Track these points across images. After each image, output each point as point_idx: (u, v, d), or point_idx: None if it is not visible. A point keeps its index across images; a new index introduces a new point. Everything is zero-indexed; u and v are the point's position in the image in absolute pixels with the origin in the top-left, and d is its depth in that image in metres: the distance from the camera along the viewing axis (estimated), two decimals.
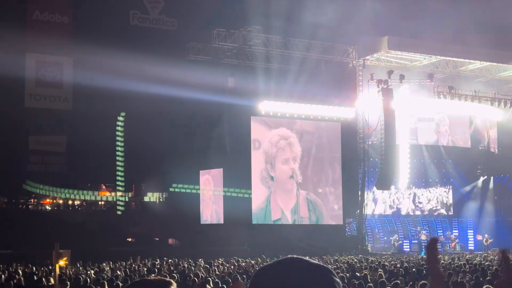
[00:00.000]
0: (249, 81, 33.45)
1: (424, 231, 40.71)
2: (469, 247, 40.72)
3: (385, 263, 21.14)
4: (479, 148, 43.21)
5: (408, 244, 39.35)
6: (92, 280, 15.21)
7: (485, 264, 19.93)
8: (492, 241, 38.79)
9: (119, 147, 36.10)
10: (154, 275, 16.45)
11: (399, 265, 20.39)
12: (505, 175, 43.53)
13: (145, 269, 19.11)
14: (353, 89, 36.75)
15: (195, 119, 34.22)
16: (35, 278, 15.96)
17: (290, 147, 35.44)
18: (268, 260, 20.82)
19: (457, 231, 42.14)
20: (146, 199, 38.37)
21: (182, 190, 36.00)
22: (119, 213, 35.92)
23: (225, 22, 34.32)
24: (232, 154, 33.80)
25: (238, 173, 33.78)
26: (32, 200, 37.51)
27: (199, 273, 16.94)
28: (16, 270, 19.07)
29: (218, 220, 34.85)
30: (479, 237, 40.53)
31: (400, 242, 39.08)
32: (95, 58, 31.25)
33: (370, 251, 35.93)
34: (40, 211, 36.76)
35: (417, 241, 39.22)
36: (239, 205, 33.27)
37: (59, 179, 35.37)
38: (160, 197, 38.21)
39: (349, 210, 36.63)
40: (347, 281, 14.17)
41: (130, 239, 35.25)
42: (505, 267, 2.85)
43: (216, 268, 19.11)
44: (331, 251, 31.06)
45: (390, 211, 42.22)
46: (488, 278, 14.45)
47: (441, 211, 43.03)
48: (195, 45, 34.60)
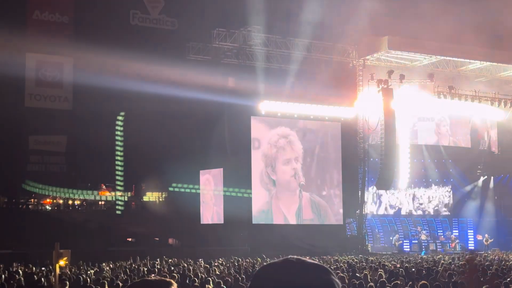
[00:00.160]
0: (249, 81, 33.43)
1: (424, 231, 40.72)
2: (469, 247, 40.75)
3: (385, 263, 21.13)
4: (479, 148, 43.19)
5: (408, 244, 39.34)
6: (92, 280, 15.22)
7: (486, 264, 19.92)
8: (492, 241, 38.81)
9: (118, 146, 36.09)
10: (154, 275, 16.47)
11: (399, 265, 20.39)
12: (505, 175, 43.53)
13: (145, 269, 19.10)
14: (353, 89, 36.74)
15: (195, 119, 34.20)
16: (35, 278, 15.95)
17: (291, 145, 35.00)
18: (268, 260, 20.81)
19: (457, 231, 42.16)
20: (146, 198, 38.35)
21: (181, 190, 36.00)
22: (118, 212, 35.92)
23: (225, 22, 34.32)
24: (232, 154, 33.79)
25: (238, 173, 33.77)
26: (32, 200, 37.48)
27: (199, 273, 16.95)
28: (16, 270, 19.06)
29: (218, 220, 34.81)
30: (479, 237, 40.53)
31: (400, 242, 39.08)
32: (95, 58, 31.24)
33: (370, 251, 35.92)
34: (40, 211, 36.74)
35: (417, 241, 39.23)
36: (239, 205, 33.24)
37: (59, 179, 35.35)
38: (160, 196, 38.20)
39: (349, 210, 36.62)
40: (347, 281, 14.16)
41: (130, 239, 35.24)
42: (470, 269, 2.92)
43: (216, 268, 19.11)
44: (331, 251, 31.08)
45: (391, 211, 42.22)
46: (488, 278, 14.46)
47: (441, 211, 43.04)
48: (195, 45, 34.60)
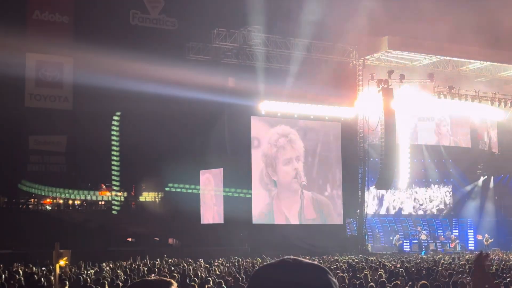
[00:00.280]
0: (249, 81, 33.42)
1: (424, 231, 40.72)
2: (470, 247, 40.74)
3: (385, 263, 21.12)
4: (479, 148, 43.19)
5: (408, 244, 39.34)
6: (92, 280, 15.21)
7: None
8: (492, 241, 38.80)
9: (114, 146, 36.06)
10: (154, 275, 16.46)
11: (399, 265, 20.38)
12: (505, 175, 43.53)
13: (145, 269, 19.10)
14: (353, 89, 36.72)
15: (195, 119, 34.18)
16: (36, 278, 15.94)
17: (291, 144, 34.73)
18: (268, 260, 20.81)
19: (457, 231, 42.15)
20: (142, 198, 38.34)
21: (178, 190, 35.93)
22: (114, 212, 35.85)
23: (225, 22, 34.30)
24: (232, 154, 33.77)
25: (238, 173, 33.75)
26: (32, 200, 37.47)
27: (199, 273, 16.94)
28: (16, 270, 19.05)
29: (218, 220, 34.77)
30: (479, 237, 40.52)
31: (400, 242, 39.07)
32: (95, 58, 31.21)
33: (370, 251, 35.91)
34: (40, 211, 36.74)
35: (417, 241, 39.22)
36: (239, 205, 33.22)
37: (59, 179, 35.34)
38: (156, 196, 38.18)
39: (350, 210, 36.61)
40: (347, 281, 14.16)
41: (130, 239, 35.23)
42: (477, 268, 2.94)
43: (216, 268, 19.11)
44: (331, 251, 31.07)
45: (393, 211, 42.20)
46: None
47: (441, 211, 43.02)
48: (195, 45, 34.59)
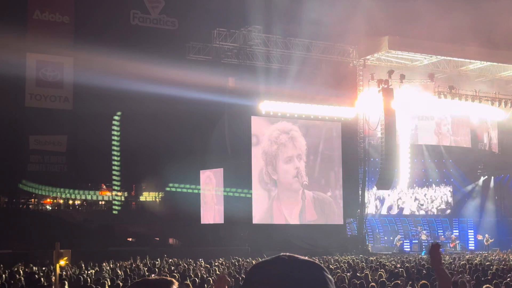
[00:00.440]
0: (249, 81, 33.42)
1: (424, 231, 40.69)
2: (470, 247, 40.72)
3: (385, 263, 21.12)
4: (479, 148, 43.17)
5: (409, 244, 39.33)
6: (92, 280, 15.21)
7: (486, 264, 19.91)
8: (492, 241, 38.80)
9: (115, 146, 36.07)
10: (154, 275, 16.46)
11: (399, 265, 20.37)
12: (505, 175, 43.54)
13: (145, 268, 19.10)
14: (353, 89, 36.72)
15: (195, 119, 34.18)
16: (36, 277, 15.95)
17: (293, 141, 34.22)
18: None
19: (457, 231, 42.14)
20: (142, 198, 38.34)
21: (178, 190, 35.92)
22: (115, 212, 35.87)
23: (226, 21, 34.31)
24: (232, 154, 33.75)
25: (238, 173, 33.72)
26: (33, 200, 37.48)
27: (199, 273, 16.94)
28: (17, 270, 19.06)
29: (218, 220, 34.73)
30: (479, 237, 40.51)
31: (401, 242, 39.06)
32: (95, 57, 31.23)
33: (370, 251, 35.90)
34: (40, 211, 36.76)
35: (417, 241, 39.19)
36: (239, 204, 33.21)
37: (60, 178, 35.34)
38: (156, 196, 38.16)
39: (350, 210, 36.59)
40: (347, 281, 14.16)
41: (130, 239, 35.23)
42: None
43: (217, 268, 19.10)
44: (331, 251, 31.07)
45: (395, 211, 42.17)
46: (488, 277, 14.46)
47: (442, 211, 43.00)
48: (195, 44, 34.58)
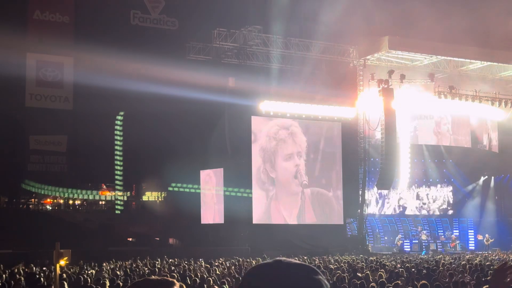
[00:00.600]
0: (249, 81, 33.41)
1: (424, 231, 40.68)
2: (470, 247, 40.72)
3: (385, 263, 21.12)
4: (479, 148, 43.16)
5: (409, 244, 39.32)
6: (92, 279, 15.22)
7: (486, 264, 19.91)
8: (493, 241, 38.79)
9: (117, 146, 36.10)
10: (154, 275, 16.45)
11: (399, 265, 20.37)
12: (506, 175, 43.53)
13: (145, 268, 19.10)
14: (353, 89, 36.72)
15: (195, 119, 34.18)
16: (36, 277, 15.94)
17: (293, 137, 33.81)
18: (268, 260, 20.80)
19: (457, 231, 42.12)
20: (144, 198, 38.35)
21: (181, 190, 35.96)
22: (117, 212, 35.93)
23: (226, 21, 34.31)
24: (232, 154, 33.74)
25: (238, 173, 33.72)
26: (33, 200, 37.51)
27: (199, 273, 16.94)
28: (18, 270, 19.05)
29: (219, 220, 34.71)
30: (479, 237, 40.51)
31: (401, 242, 39.05)
32: (95, 58, 31.25)
33: (370, 251, 35.89)
34: (40, 211, 36.77)
35: (417, 241, 39.20)
36: (239, 204, 33.19)
37: (60, 178, 35.37)
38: (159, 196, 38.18)
39: (350, 210, 36.59)
40: (347, 281, 14.16)
41: (130, 238, 35.25)
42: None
43: (217, 268, 19.10)
44: (331, 251, 31.05)
45: (395, 211, 42.14)
46: (488, 278, 14.45)
47: (442, 211, 42.98)
48: (195, 44, 34.59)
